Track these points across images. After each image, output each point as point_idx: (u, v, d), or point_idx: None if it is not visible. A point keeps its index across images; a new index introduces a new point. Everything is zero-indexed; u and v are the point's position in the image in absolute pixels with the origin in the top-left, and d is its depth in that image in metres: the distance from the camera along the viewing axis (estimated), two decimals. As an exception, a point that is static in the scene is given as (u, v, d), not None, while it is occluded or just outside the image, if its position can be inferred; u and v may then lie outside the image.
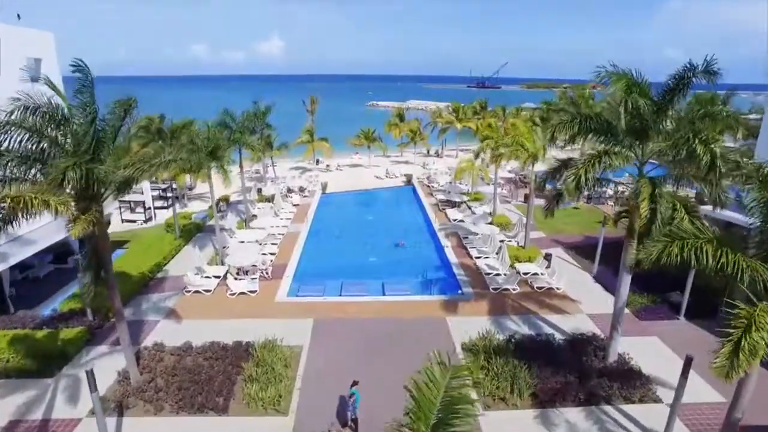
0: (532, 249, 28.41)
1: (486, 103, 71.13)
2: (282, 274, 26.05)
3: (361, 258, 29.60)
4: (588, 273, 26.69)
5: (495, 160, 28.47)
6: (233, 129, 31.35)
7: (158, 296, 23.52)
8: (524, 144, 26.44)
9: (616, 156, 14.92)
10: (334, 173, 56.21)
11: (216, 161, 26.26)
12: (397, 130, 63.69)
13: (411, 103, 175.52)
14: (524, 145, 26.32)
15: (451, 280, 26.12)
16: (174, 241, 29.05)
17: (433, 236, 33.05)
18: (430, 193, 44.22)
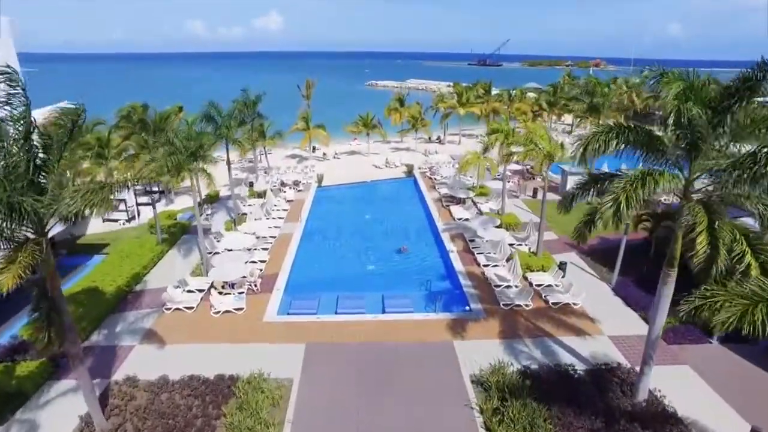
0: (545, 256, 26.14)
1: (490, 86, 67.90)
2: (272, 287, 23.82)
3: (358, 265, 27.36)
4: (606, 284, 24.47)
5: (506, 159, 25.95)
6: (219, 123, 28.69)
7: (135, 314, 21.32)
8: (539, 143, 23.88)
9: (662, 177, 12.44)
10: (331, 162, 53.57)
11: (199, 161, 23.70)
12: (398, 115, 60.73)
13: (411, 82, 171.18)
14: (539, 143, 23.76)
15: (457, 293, 23.91)
16: (156, 247, 26.71)
17: (436, 238, 30.74)
18: (433, 186, 41.74)
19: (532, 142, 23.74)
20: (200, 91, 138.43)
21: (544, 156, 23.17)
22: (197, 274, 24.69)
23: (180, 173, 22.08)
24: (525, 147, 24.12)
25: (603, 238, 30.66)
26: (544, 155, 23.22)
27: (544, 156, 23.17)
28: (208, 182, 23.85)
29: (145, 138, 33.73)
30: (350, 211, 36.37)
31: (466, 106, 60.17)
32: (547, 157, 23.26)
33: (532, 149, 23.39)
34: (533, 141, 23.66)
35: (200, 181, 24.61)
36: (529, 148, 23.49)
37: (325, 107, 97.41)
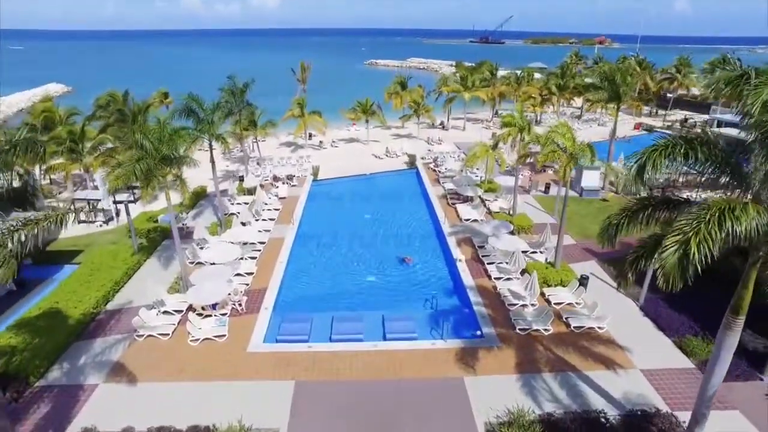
0: (564, 268, 23.49)
1: (496, 69, 64.27)
2: (259, 305, 21.26)
3: (357, 276, 24.73)
4: (633, 301, 21.90)
5: (521, 160, 22.99)
6: (201, 117, 25.68)
7: (102, 343, 18.76)
8: (560, 141, 20.96)
9: (744, 213, 9.62)
10: (328, 151, 50.52)
11: (174, 166, 20.81)
12: (399, 99, 57.39)
13: (412, 61, 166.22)
14: (560, 142, 20.85)
15: (466, 312, 21.37)
16: (131, 258, 24.03)
17: (442, 243, 28.05)
18: (437, 180, 38.85)
19: (553, 142, 20.82)
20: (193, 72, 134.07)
21: (567, 159, 20.25)
22: (176, 290, 22.12)
23: (150, 182, 19.24)
24: (544, 146, 21.18)
25: (625, 242, 27.96)
26: (567, 158, 20.30)
27: (569, 160, 20.24)
28: (182, 191, 20.96)
29: (122, 129, 30.81)
30: (348, 210, 33.60)
31: (471, 90, 56.71)
32: (571, 160, 20.34)
33: (553, 151, 20.46)
34: (554, 141, 20.74)
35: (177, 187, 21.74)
36: (549, 150, 20.56)
37: (323, 89, 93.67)
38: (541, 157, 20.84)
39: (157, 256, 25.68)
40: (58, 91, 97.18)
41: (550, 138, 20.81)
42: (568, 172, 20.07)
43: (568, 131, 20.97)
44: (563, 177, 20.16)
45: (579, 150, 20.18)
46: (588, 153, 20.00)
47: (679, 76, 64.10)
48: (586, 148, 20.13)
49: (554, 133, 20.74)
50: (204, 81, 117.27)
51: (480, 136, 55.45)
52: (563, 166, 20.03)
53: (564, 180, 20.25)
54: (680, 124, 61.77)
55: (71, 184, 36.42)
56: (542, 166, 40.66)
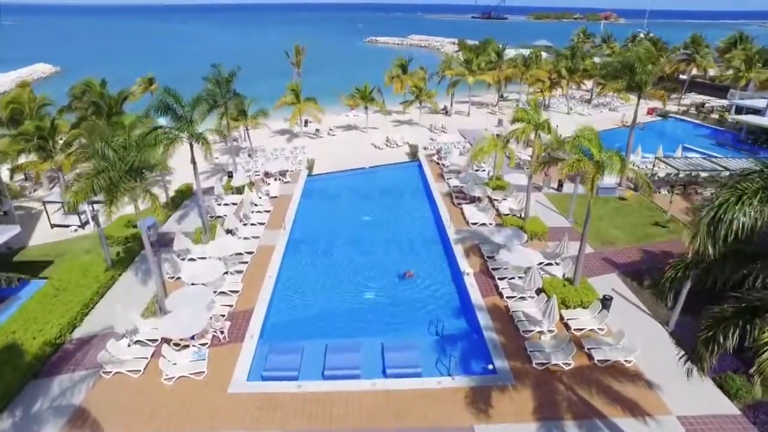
0: (584, 285, 21.12)
1: (502, 50, 60.69)
2: (243, 332, 18.98)
3: (353, 293, 22.40)
4: (662, 325, 19.62)
5: (538, 168, 20.23)
6: (179, 115, 22.92)
7: (63, 382, 16.52)
8: (585, 145, 18.31)
9: None
10: (324, 140, 47.69)
11: (145, 177, 18.22)
12: (399, 83, 54.17)
13: (413, 38, 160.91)
14: (589, 152, 18.18)
15: (475, 339, 19.13)
16: (103, 275, 21.64)
17: (447, 251, 25.65)
18: (441, 174, 36.21)
19: (578, 150, 18.14)
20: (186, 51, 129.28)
21: (595, 170, 17.58)
22: (152, 311, 19.84)
23: (115, 197, 16.72)
24: (569, 150, 18.50)
25: (647, 250, 25.67)
26: (594, 169, 17.63)
27: (597, 170, 17.57)
28: (153, 206, 18.37)
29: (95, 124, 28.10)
30: (345, 210, 31.06)
31: (476, 74, 53.43)
32: (598, 170, 17.68)
33: (579, 161, 17.77)
34: (579, 147, 18.06)
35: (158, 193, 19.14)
36: (575, 159, 17.87)
37: (320, 69, 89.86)
38: (564, 167, 18.09)
39: (134, 270, 23.28)
40: (45, 71, 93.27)
41: (575, 145, 18.13)
42: (596, 185, 17.45)
43: (595, 136, 18.28)
44: (591, 190, 17.52)
45: (608, 159, 17.51)
46: (618, 162, 17.32)
47: (698, 57, 60.58)
48: (615, 157, 17.44)
49: (580, 138, 18.06)
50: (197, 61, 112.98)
51: (486, 122, 52.56)
52: (590, 179, 17.40)
53: (591, 193, 17.62)
54: (696, 109, 58.65)
55: (47, 182, 33.86)
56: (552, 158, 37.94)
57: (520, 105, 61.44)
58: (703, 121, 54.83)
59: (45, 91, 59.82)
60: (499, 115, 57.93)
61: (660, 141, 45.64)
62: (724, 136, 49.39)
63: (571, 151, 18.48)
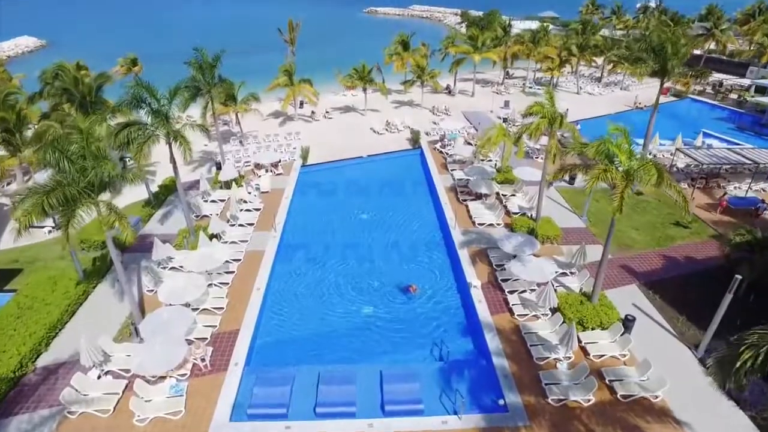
0: (603, 302, 19.14)
1: (508, 25, 57.14)
2: (228, 359, 17.13)
3: (349, 308, 20.45)
4: (690, 349, 17.77)
5: (558, 175, 17.79)
6: (154, 110, 20.47)
7: (22, 424, 14.73)
8: (613, 151, 15.98)
9: None
10: (320, 123, 45.02)
11: (107, 189, 16.00)
12: (400, 61, 51.03)
13: (414, 9, 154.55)
14: (617, 159, 15.86)
15: (483, 366, 17.27)
16: (74, 290, 19.64)
17: (452, 257, 23.61)
18: (444, 165, 33.81)
19: (605, 156, 15.79)
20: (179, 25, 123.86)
21: (623, 181, 15.25)
22: (127, 334, 17.97)
23: (72, 215, 14.56)
24: (594, 154, 16.14)
25: (670, 256, 23.64)
26: (623, 180, 15.30)
27: (624, 181, 15.24)
28: (121, 228, 16.16)
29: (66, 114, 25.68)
30: (341, 207, 28.82)
31: (481, 51, 50.19)
32: (627, 180, 15.36)
33: (605, 170, 15.42)
34: (607, 154, 15.71)
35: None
36: (601, 169, 15.52)
37: (317, 43, 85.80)
38: (590, 181, 15.59)
39: (111, 282, 21.25)
40: (29, 45, 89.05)
41: (600, 151, 15.78)
42: (625, 199, 15.14)
43: (625, 140, 15.93)
44: (619, 208, 15.22)
45: (641, 168, 15.17)
46: (653, 173, 14.96)
47: (717, 32, 57.02)
48: (651, 166, 15.09)
49: (607, 144, 15.69)
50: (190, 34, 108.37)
51: (491, 103, 49.70)
52: (620, 193, 15.09)
53: (619, 211, 15.31)
54: (714, 89, 55.55)
55: (21, 174, 31.51)
56: (563, 145, 35.47)
57: (528, 84, 58.53)
58: (721, 102, 51.90)
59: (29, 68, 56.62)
60: (505, 95, 54.96)
61: (676, 125, 43.06)
62: (744, 119, 46.67)
63: (595, 157, 16.14)
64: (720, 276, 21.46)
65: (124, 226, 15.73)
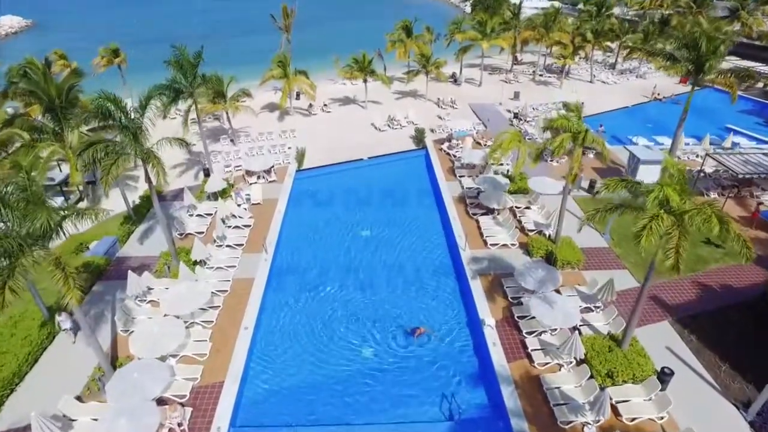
0: (636, 349, 16.86)
1: (518, 8, 53.45)
2: (210, 419, 15.01)
3: (349, 353, 18.18)
4: (739, 409, 15.55)
5: (593, 217, 15.04)
6: (123, 125, 17.84)
7: None
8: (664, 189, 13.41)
9: None
10: (318, 117, 42.22)
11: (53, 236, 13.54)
12: (403, 49, 47.77)
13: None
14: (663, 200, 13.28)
15: (499, 428, 15.12)
16: (38, 333, 17.39)
17: (463, 287, 21.24)
18: (452, 169, 31.17)
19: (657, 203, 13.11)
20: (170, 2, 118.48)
21: (678, 232, 12.62)
22: (96, 389, 15.81)
23: (11, 275, 12.17)
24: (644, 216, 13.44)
25: (705, 285, 21.24)
26: (678, 231, 12.65)
27: (680, 232, 12.63)
28: (65, 288, 13.71)
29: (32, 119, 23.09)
30: (339, 221, 26.36)
31: (490, 38, 46.85)
32: (684, 236, 12.72)
33: (656, 217, 12.81)
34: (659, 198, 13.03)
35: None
36: (650, 217, 12.89)
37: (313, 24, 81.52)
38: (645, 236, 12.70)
39: (83, 310, 18.95)
40: (14, 26, 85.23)
41: (655, 196, 13.05)
42: (682, 255, 12.60)
43: (680, 174, 13.28)
44: (675, 267, 12.67)
45: (698, 214, 12.51)
46: (714, 223, 12.29)
47: (744, 14, 53.30)
48: (709, 213, 12.47)
49: (663, 187, 12.99)
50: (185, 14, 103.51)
51: (500, 93, 46.63)
52: (675, 246, 12.49)
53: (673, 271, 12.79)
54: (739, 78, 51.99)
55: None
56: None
57: (538, 72, 55.16)
58: (745, 92, 48.62)
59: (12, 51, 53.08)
60: (514, 83, 51.76)
61: (696, 117, 39.97)
62: (772, 113, 43.64)
63: (648, 202, 13.42)
64: (763, 308, 19.26)
65: (69, 287, 13.20)
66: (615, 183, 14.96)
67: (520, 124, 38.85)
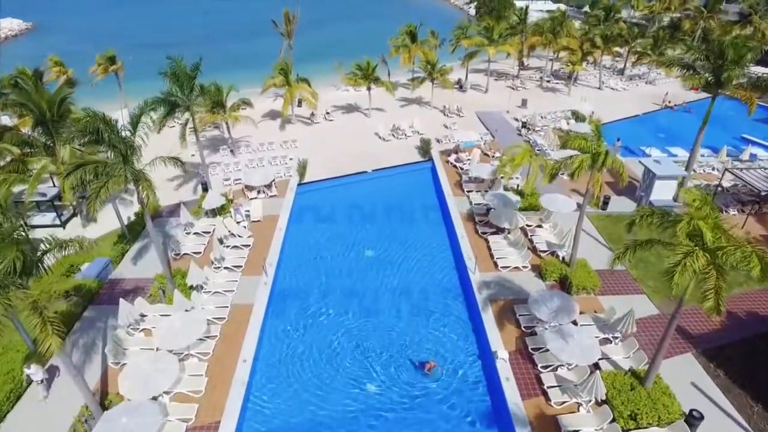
0: (660, 387, 15.78)
1: (525, 13, 52.30)
2: (204, 468, 13.97)
3: (352, 388, 17.11)
4: (771, 455, 14.45)
5: (623, 258, 13.74)
6: (114, 145, 16.82)
7: None
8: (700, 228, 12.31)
9: None
10: (320, 126, 41.17)
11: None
12: (407, 54, 46.61)
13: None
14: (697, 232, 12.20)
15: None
16: (21, 366, 16.37)
17: (472, 313, 20.19)
18: (459, 184, 30.04)
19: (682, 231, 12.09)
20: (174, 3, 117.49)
21: (709, 263, 11.58)
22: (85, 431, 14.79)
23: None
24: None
25: (728, 313, 20.05)
26: (717, 275, 11.57)
27: (719, 278, 11.54)
28: (45, 337, 12.66)
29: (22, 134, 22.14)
30: (342, 239, 25.29)
31: (497, 44, 45.73)
32: (723, 279, 11.63)
33: (690, 255, 11.74)
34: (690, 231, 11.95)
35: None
36: (683, 252, 11.83)
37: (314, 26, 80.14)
38: (677, 272, 11.64)
39: (68, 350, 17.94)
40: (13, 29, 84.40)
41: (684, 228, 12.03)
42: (722, 296, 11.54)
43: (709, 204, 12.21)
44: (716, 309, 11.60)
45: (737, 251, 11.44)
46: (755, 264, 11.22)
47: (756, 18, 52.07)
48: (750, 252, 11.42)
49: (692, 216, 11.95)
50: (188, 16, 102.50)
51: (508, 101, 45.45)
52: (714, 287, 11.40)
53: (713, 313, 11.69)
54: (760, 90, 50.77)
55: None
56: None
57: (545, 78, 53.93)
58: (760, 100, 47.21)
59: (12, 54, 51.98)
60: (521, 90, 50.59)
61: (712, 129, 38.73)
62: (788, 121, 42.39)
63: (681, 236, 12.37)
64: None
65: (47, 334, 12.12)
66: (645, 215, 13.81)
67: (528, 134, 37.73)
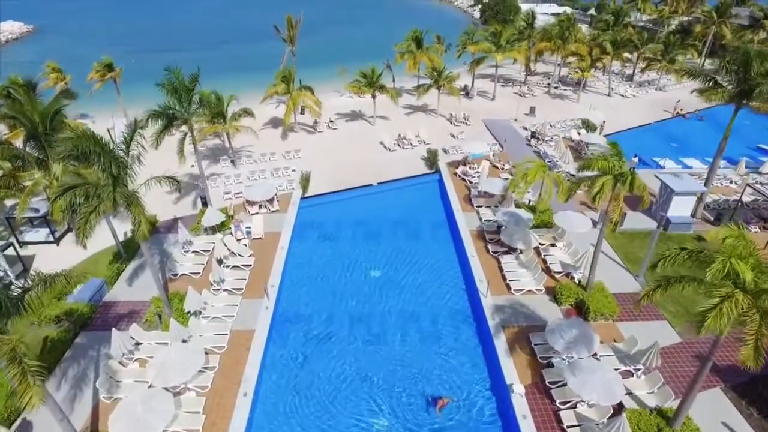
0: (690, 427, 14.70)
1: (533, 18, 51.20)
2: None
3: (360, 426, 16.08)
4: None
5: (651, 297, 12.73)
6: (105, 169, 15.82)
7: None
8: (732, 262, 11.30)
9: None
10: (324, 135, 40.17)
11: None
12: (413, 60, 45.58)
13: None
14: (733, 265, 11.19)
15: None
16: (4, 404, 15.38)
17: (486, 344, 19.08)
18: (468, 198, 28.96)
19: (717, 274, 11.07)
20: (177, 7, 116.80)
21: (751, 308, 10.54)
22: (71, 474, 13.75)
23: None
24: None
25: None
26: (753, 307, 10.59)
27: (758, 314, 10.53)
28: (25, 389, 11.66)
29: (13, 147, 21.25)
30: (347, 258, 24.24)
31: (504, 50, 44.69)
32: (763, 316, 10.65)
33: (729, 297, 10.73)
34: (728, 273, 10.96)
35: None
36: (723, 295, 10.80)
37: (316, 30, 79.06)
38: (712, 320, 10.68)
39: (56, 384, 16.92)
40: (14, 31, 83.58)
41: (719, 269, 10.99)
42: (762, 341, 10.54)
43: (750, 245, 11.19)
44: (754, 360, 10.67)
45: None
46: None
47: (766, 23, 50.95)
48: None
49: (732, 260, 10.94)
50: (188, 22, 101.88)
51: (515, 108, 44.37)
52: (755, 334, 10.42)
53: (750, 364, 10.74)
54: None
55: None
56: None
57: (553, 84, 52.82)
58: (772, 108, 46.11)
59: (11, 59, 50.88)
60: (528, 96, 49.51)
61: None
62: (804, 130, 41.17)
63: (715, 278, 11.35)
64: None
65: (27, 386, 11.09)
66: (671, 256, 12.77)
67: (538, 145, 36.68)
